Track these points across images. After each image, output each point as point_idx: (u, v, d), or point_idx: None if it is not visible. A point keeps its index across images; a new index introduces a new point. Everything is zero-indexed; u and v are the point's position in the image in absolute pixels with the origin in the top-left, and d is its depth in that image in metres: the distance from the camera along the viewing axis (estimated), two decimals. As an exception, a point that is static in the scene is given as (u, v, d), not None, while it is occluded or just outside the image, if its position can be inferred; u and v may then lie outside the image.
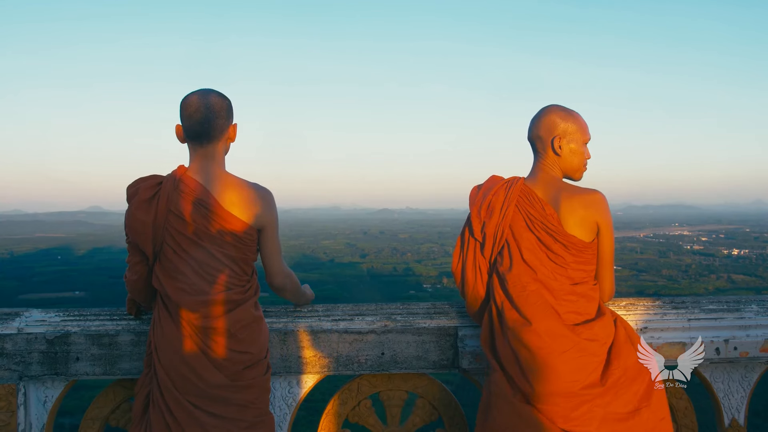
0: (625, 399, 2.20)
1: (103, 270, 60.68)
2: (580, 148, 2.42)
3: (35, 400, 2.66)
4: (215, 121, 2.28)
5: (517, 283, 2.33)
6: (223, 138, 2.34)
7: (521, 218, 2.38)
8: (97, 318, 2.67)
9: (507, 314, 2.32)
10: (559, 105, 2.45)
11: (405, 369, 2.65)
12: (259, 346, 2.35)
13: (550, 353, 2.21)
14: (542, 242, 2.34)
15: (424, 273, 61.99)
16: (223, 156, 2.37)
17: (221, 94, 2.32)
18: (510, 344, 2.29)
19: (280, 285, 2.51)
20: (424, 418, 2.76)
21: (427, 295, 48.94)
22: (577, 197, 2.33)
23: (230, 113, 2.35)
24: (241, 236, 2.29)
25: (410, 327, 2.65)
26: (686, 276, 57.64)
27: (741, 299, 2.79)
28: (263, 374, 2.36)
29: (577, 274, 2.33)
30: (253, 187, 2.35)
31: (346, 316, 2.71)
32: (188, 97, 2.28)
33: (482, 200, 2.43)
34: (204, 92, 2.29)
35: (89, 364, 2.60)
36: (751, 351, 2.60)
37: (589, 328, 2.27)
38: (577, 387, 2.17)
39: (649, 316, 2.65)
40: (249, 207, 2.31)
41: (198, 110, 2.26)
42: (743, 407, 2.70)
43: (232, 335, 2.27)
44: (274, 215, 2.40)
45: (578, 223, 2.32)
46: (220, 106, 2.29)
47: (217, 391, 2.24)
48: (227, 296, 2.27)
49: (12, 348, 2.59)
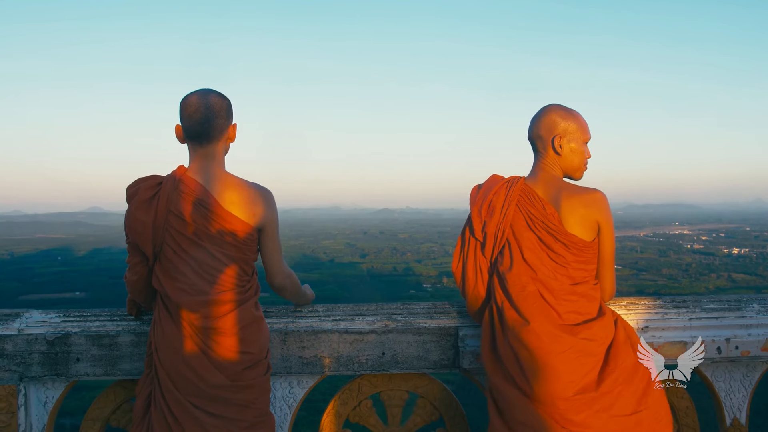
0: (622, 401, 2.19)
1: (104, 271, 60.69)
2: (580, 147, 2.41)
3: (36, 401, 2.66)
4: (215, 121, 2.28)
5: (517, 282, 2.33)
6: (222, 138, 2.33)
7: (522, 218, 2.37)
8: (98, 319, 2.67)
9: (507, 314, 2.32)
10: (560, 104, 2.44)
11: (406, 369, 2.65)
12: (259, 346, 2.35)
13: (548, 353, 2.20)
14: (543, 241, 2.33)
15: (424, 273, 62.01)
16: (222, 156, 2.37)
17: (221, 94, 2.31)
18: (510, 344, 2.29)
19: (280, 285, 2.51)
20: (425, 417, 2.76)
21: (427, 294, 48.94)
22: (578, 196, 2.33)
23: (230, 113, 2.35)
24: (241, 236, 2.28)
25: (411, 327, 2.65)
26: (686, 275, 57.65)
27: (742, 298, 2.78)
28: (263, 374, 2.35)
29: (578, 274, 2.33)
30: (253, 187, 2.34)
31: (346, 316, 2.70)
32: (188, 98, 2.28)
33: (483, 200, 2.43)
34: (203, 92, 2.28)
35: (90, 365, 2.60)
36: (752, 350, 2.60)
37: (588, 328, 2.27)
38: (574, 388, 2.17)
39: (650, 315, 2.64)
40: (249, 207, 2.30)
41: (198, 110, 2.25)
42: (745, 406, 2.70)
43: (232, 335, 2.26)
44: (275, 215, 2.39)
45: (579, 222, 2.31)
46: (219, 106, 2.29)
47: (217, 392, 2.23)
48: (227, 296, 2.27)
49: (12, 349, 2.58)
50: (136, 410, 2.35)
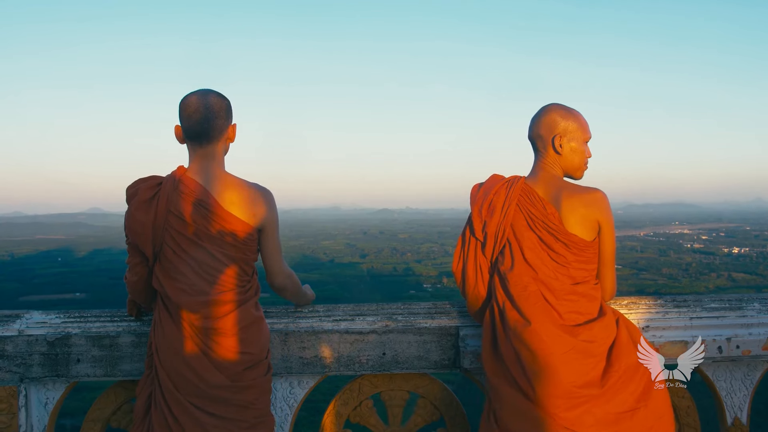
0: (621, 399, 2.19)
1: (104, 271, 60.68)
2: (580, 146, 2.41)
3: (36, 402, 2.66)
4: (214, 121, 2.28)
5: (518, 282, 2.32)
6: (222, 138, 2.33)
7: (522, 217, 2.37)
8: (98, 319, 2.67)
9: (508, 314, 2.32)
10: (560, 104, 2.44)
11: (406, 369, 2.65)
12: (259, 346, 2.34)
13: (550, 354, 2.20)
14: (543, 241, 2.33)
15: (424, 273, 62.01)
16: (222, 156, 2.37)
17: (220, 95, 2.31)
18: (512, 344, 2.29)
19: (280, 285, 2.51)
20: (425, 417, 2.76)
21: (427, 294, 48.94)
22: (578, 196, 2.33)
23: (229, 113, 2.34)
24: (241, 236, 2.28)
25: (411, 327, 2.64)
26: (686, 274, 57.65)
27: (743, 297, 2.78)
28: (263, 375, 2.35)
29: (579, 274, 2.32)
30: (253, 187, 2.34)
31: (347, 316, 2.70)
32: (187, 98, 2.27)
33: (483, 199, 2.43)
34: (203, 92, 2.28)
35: (90, 366, 2.59)
36: (753, 349, 2.59)
37: (588, 329, 2.26)
38: (575, 388, 2.17)
39: (651, 314, 2.64)
40: (249, 207, 2.30)
41: (197, 110, 2.25)
42: (746, 406, 2.70)
43: (232, 336, 2.26)
44: (275, 215, 2.39)
45: (579, 221, 2.31)
46: (219, 106, 2.29)
47: (217, 392, 2.23)
48: (227, 297, 2.27)
49: (13, 350, 2.58)
50: (136, 411, 2.35)
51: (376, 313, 2.72)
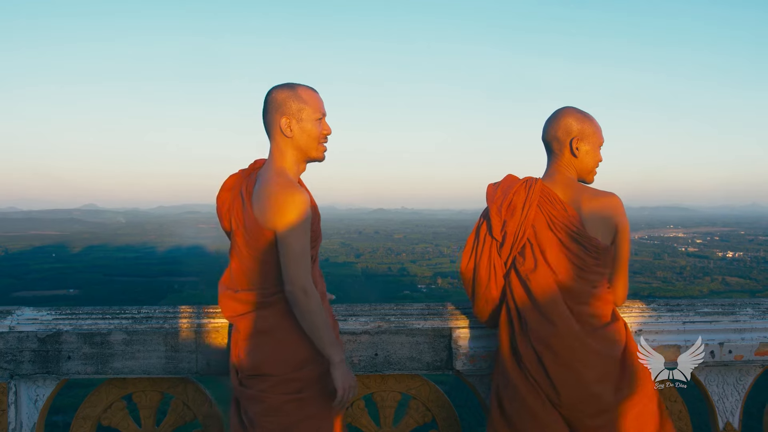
0: (635, 401, 2.24)
1: (98, 268, 60.52)
2: (595, 150, 2.43)
3: (26, 399, 2.64)
4: (265, 116, 2.30)
5: (541, 283, 2.32)
6: (272, 133, 2.29)
7: (543, 219, 2.36)
8: (89, 317, 2.66)
9: (529, 315, 2.31)
10: (575, 107, 2.45)
11: (398, 370, 2.64)
12: (268, 360, 2.22)
13: (573, 358, 2.22)
14: (563, 244, 2.33)
15: (419, 273, 62.04)
16: (278, 152, 2.28)
17: (279, 87, 2.28)
18: (533, 347, 2.28)
19: (288, 295, 2.21)
20: (417, 419, 2.75)
21: (421, 295, 48.94)
22: (598, 200, 2.34)
23: (278, 107, 2.25)
24: (259, 237, 2.22)
25: (404, 328, 2.64)
26: (681, 278, 57.84)
27: (736, 302, 2.79)
28: (278, 393, 2.20)
29: (596, 277, 2.33)
30: (281, 190, 2.19)
31: (339, 316, 2.69)
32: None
33: (503, 198, 2.41)
34: (271, 88, 2.30)
35: (81, 363, 2.58)
36: (746, 354, 2.60)
37: (607, 332, 2.30)
38: (599, 392, 2.20)
39: (644, 318, 2.64)
40: (266, 209, 2.19)
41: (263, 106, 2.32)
42: (738, 411, 2.70)
43: (244, 339, 2.25)
44: (290, 220, 2.17)
45: (599, 225, 2.32)
46: (268, 100, 2.28)
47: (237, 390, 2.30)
48: (245, 296, 2.26)
49: (3, 346, 2.56)
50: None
51: (369, 314, 2.72)
